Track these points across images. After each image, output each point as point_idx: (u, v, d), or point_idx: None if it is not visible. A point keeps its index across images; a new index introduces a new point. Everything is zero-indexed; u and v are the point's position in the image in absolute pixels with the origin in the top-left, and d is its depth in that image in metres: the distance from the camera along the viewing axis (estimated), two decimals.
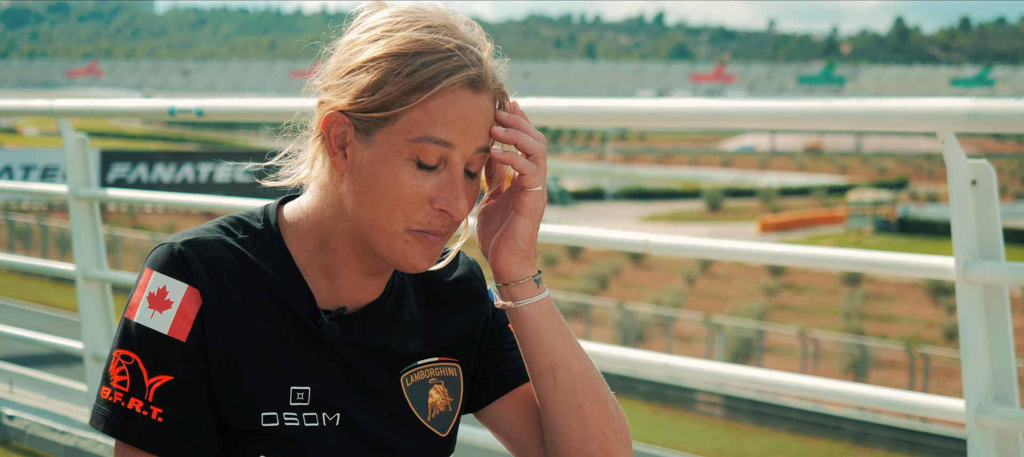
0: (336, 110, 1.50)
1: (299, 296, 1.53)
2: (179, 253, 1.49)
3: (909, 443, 19.94)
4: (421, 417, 1.61)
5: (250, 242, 1.54)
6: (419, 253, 1.51)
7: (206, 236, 1.52)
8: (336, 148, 1.51)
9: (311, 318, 1.53)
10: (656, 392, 22.49)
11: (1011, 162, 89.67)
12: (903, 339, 28.68)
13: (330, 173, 1.53)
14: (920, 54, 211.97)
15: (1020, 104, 2.34)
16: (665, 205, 66.06)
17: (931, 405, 2.68)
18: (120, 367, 1.47)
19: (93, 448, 4.32)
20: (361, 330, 1.57)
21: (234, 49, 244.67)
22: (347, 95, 1.49)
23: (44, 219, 38.08)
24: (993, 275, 2.42)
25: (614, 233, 3.30)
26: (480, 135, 1.50)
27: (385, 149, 1.47)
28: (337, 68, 1.52)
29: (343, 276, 1.56)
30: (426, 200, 1.48)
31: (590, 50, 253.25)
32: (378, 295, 1.60)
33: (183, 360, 1.47)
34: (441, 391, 1.64)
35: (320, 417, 1.52)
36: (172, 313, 1.47)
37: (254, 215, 1.58)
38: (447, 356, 1.65)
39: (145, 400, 1.46)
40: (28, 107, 5.08)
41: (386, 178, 1.47)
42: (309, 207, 1.56)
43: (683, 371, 3.09)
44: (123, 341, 1.48)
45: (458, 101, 1.47)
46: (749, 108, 2.76)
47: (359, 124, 1.48)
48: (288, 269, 1.54)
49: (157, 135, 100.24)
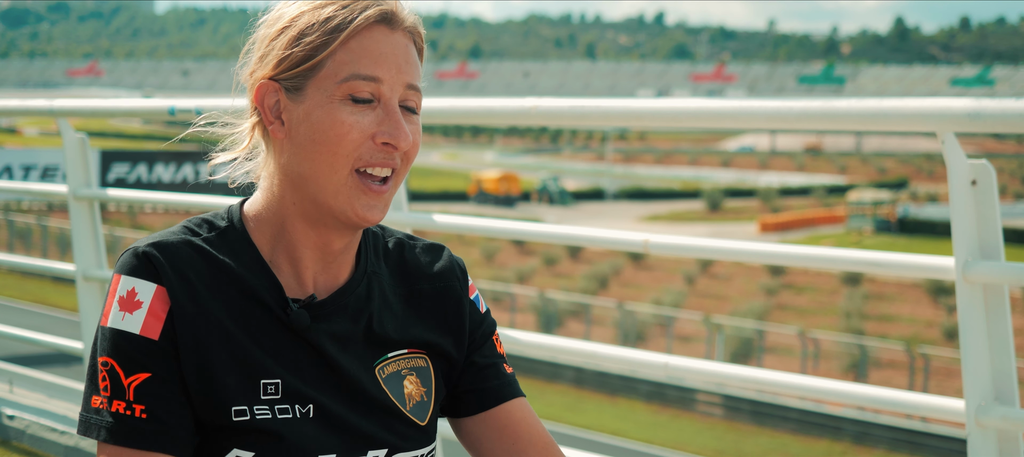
0: (264, 78, 1.55)
1: (267, 287, 1.55)
2: (144, 255, 1.51)
3: (909, 443, 19.95)
4: (400, 406, 1.61)
5: (215, 240, 1.56)
6: (366, 202, 1.53)
7: (171, 237, 1.54)
8: (272, 117, 1.55)
9: (280, 308, 1.54)
10: (656, 392, 22.49)
11: (1011, 162, 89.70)
12: (903, 339, 28.68)
13: (273, 152, 1.57)
14: (920, 54, 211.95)
15: (1020, 104, 2.34)
16: (665, 205, 66.08)
17: (931, 405, 2.68)
18: (101, 373, 1.49)
19: (93, 448, 4.32)
20: (333, 317, 1.57)
21: (234, 49, 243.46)
22: (272, 62, 1.54)
23: (44, 219, 38.09)
24: (993, 275, 2.42)
25: (614, 233, 3.29)
26: (405, 71, 1.54)
27: (318, 98, 1.51)
28: (261, 42, 1.58)
29: (304, 255, 1.57)
30: (367, 136, 1.51)
31: (590, 50, 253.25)
32: (347, 278, 1.61)
33: (158, 357, 1.48)
34: (414, 382, 1.64)
35: (293, 409, 1.52)
36: (143, 313, 1.49)
37: (219, 214, 1.61)
38: (416, 348, 1.65)
39: (127, 400, 1.47)
40: (28, 107, 5.08)
41: (324, 123, 1.50)
42: (262, 195, 1.59)
43: (683, 371, 3.08)
44: (101, 348, 1.50)
45: (375, 37, 1.53)
46: (749, 108, 2.76)
47: (289, 83, 1.53)
48: (255, 262, 1.56)
49: (157, 135, 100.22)
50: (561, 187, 67.31)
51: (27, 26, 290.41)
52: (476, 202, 63.04)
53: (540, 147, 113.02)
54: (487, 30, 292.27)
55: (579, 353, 3.37)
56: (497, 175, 66.55)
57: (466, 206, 60.97)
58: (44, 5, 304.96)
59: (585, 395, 22.94)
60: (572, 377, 23.49)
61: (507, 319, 28.69)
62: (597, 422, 20.50)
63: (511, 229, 3.57)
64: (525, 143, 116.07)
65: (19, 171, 29.96)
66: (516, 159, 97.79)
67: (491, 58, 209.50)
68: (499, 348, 1.75)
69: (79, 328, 4.40)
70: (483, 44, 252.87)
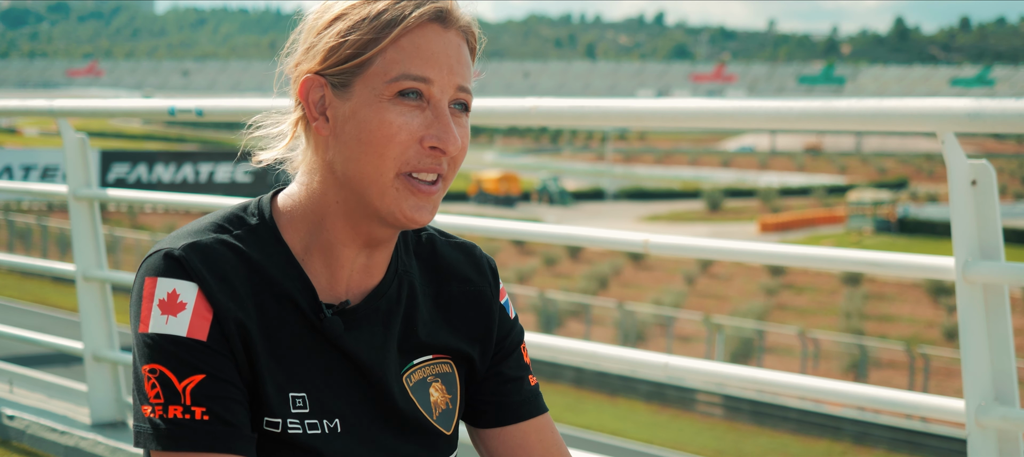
0: (310, 73, 1.49)
1: (301, 290, 1.49)
2: (182, 256, 1.44)
3: (909, 443, 19.95)
4: (428, 416, 1.57)
5: (246, 237, 1.50)
6: (414, 203, 1.47)
7: (204, 237, 1.47)
8: (316, 113, 1.49)
9: (314, 313, 1.49)
10: (656, 392, 22.49)
11: (1011, 162, 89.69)
12: (903, 339, 28.68)
13: (315, 147, 1.51)
14: (920, 54, 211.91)
15: (1020, 104, 2.34)
16: (665, 205, 66.08)
17: (931, 405, 2.68)
18: (150, 381, 1.42)
19: (93, 448, 4.32)
20: (366, 323, 1.52)
21: (234, 49, 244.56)
22: (319, 55, 1.48)
23: (44, 219, 38.09)
24: (993, 275, 2.42)
25: (614, 233, 3.29)
26: (457, 72, 1.48)
27: (366, 96, 1.45)
28: (306, 38, 1.52)
29: (342, 255, 1.52)
30: (415, 139, 1.45)
31: (590, 50, 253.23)
32: (380, 278, 1.55)
33: (210, 357, 1.43)
34: (440, 389, 1.60)
35: (321, 424, 1.48)
36: (187, 315, 1.43)
37: (248, 210, 1.54)
38: (440, 354, 1.61)
39: (184, 404, 1.41)
40: (28, 107, 5.08)
41: (372, 122, 1.44)
42: (300, 190, 1.53)
43: (683, 371, 3.08)
44: (145, 356, 1.43)
45: (428, 35, 1.46)
46: (749, 108, 2.76)
47: (335, 80, 1.47)
48: (287, 261, 1.50)
49: (157, 135, 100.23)
50: (561, 187, 67.30)
51: (27, 26, 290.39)
52: (476, 202, 63.03)
53: (540, 147, 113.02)
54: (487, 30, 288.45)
55: (579, 353, 3.37)
56: (497, 175, 66.54)
57: (466, 206, 60.95)
58: (44, 5, 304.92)
59: (585, 395, 22.94)
60: (572, 377, 23.49)
61: None
62: (597, 422, 20.50)
63: (511, 229, 3.57)
64: (525, 143, 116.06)
65: (19, 171, 29.94)
66: (516, 159, 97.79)
67: (491, 58, 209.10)
68: (526, 358, 1.69)
69: (79, 328, 4.40)
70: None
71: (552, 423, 1.69)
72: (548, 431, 1.66)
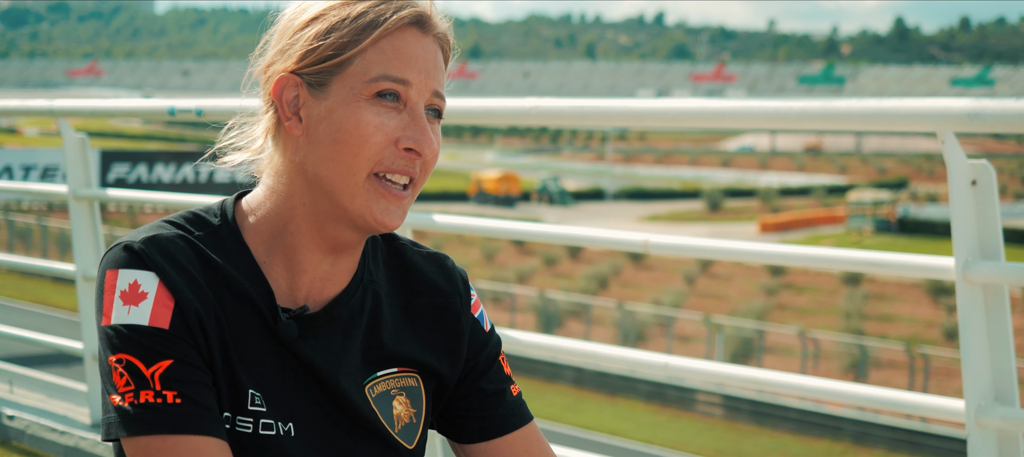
0: (286, 72, 1.48)
1: (260, 293, 1.48)
2: (141, 250, 1.44)
3: (909, 443, 19.95)
4: (389, 428, 1.54)
5: (207, 238, 1.49)
6: (385, 207, 1.46)
7: (164, 232, 1.46)
8: (289, 113, 1.48)
9: (271, 316, 1.48)
10: (656, 392, 22.49)
11: (1011, 162, 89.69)
12: (903, 339, 28.68)
13: (284, 149, 1.49)
14: (920, 54, 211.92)
15: (1020, 104, 2.34)
16: (665, 205, 66.08)
17: (931, 405, 2.68)
18: (117, 370, 1.40)
19: (93, 448, 4.32)
20: (324, 330, 1.50)
21: (234, 49, 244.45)
22: (295, 55, 1.47)
23: (44, 219, 38.08)
24: (993, 275, 2.42)
25: (614, 233, 3.29)
26: (433, 77, 1.49)
27: (343, 95, 1.45)
28: (280, 37, 1.51)
29: (304, 259, 1.50)
30: (391, 140, 1.45)
31: (590, 50, 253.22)
32: (344, 286, 1.53)
33: (174, 343, 1.41)
34: (404, 402, 1.57)
35: (276, 425, 1.46)
36: (149, 303, 1.41)
37: (210, 211, 1.53)
38: (406, 367, 1.58)
39: (155, 390, 1.39)
40: (28, 107, 5.08)
41: (348, 122, 1.44)
42: (265, 193, 1.52)
43: (683, 371, 3.08)
44: (110, 348, 1.41)
45: (407, 39, 1.47)
46: (749, 108, 2.75)
47: (312, 79, 1.46)
48: (247, 264, 1.49)
49: (157, 135, 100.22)
50: (561, 187, 67.29)
51: (27, 26, 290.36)
52: (476, 202, 63.02)
53: (540, 147, 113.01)
54: (487, 30, 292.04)
55: (579, 353, 3.37)
56: (497, 175, 66.53)
57: (466, 206, 60.96)
58: (44, 5, 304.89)
59: (585, 395, 22.94)
60: (572, 377, 23.49)
61: (507, 319, 28.69)
62: (597, 422, 20.49)
63: (511, 229, 3.56)
64: (525, 143, 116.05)
65: (19, 171, 29.95)
66: (516, 159, 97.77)
67: (491, 58, 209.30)
68: (506, 368, 1.67)
69: (79, 328, 4.40)
70: (483, 44, 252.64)
71: (538, 432, 1.66)
72: (534, 441, 1.65)
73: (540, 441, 1.65)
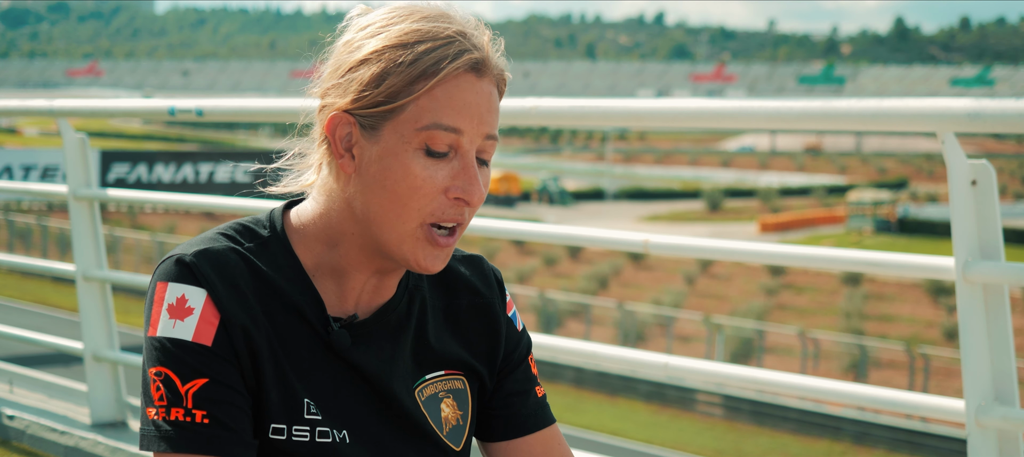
0: (339, 111, 1.46)
1: (310, 303, 1.49)
2: (193, 263, 1.45)
3: (909, 443, 19.94)
4: (438, 431, 1.57)
5: (258, 250, 1.50)
6: (431, 253, 1.46)
7: (216, 245, 1.48)
8: (342, 150, 1.47)
9: (322, 326, 1.49)
10: (656, 392, 22.49)
11: (1011, 162, 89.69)
12: (903, 339, 28.68)
13: (337, 177, 1.49)
14: (920, 54, 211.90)
15: (1020, 104, 2.34)
16: (665, 205, 66.07)
17: (931, 405, 2.68)
18: (155, 383, 1.43)
19: (93, 448, 4.32)
20: (374, 337, 1.53)
21: (234, 49, 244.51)
22: (350, 93, 1.46)
23: (44, 219, 38.08)
24: (993, 275, 2.42)
25: (614, 233, 3.29)
26: (487, 121, 1.46)
27: (393, 142, 1.43)
28: (336, 69, 1.49)
29: (353, 276, 1.52)
30: (440, 190, 1.44)
31: (590, 50, 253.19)
32: (390, 296, 1.55)
33: (213, 362, 1.43)
34: (451, 405, 1.59)
35: (332, 433, 1.48)
36: (194, 319, 1.44)
37: (259, 222, 1.54)
38: (453, 369, 1.61)
39: (186, 408, 1.42)
40: (28, 107, 5.08)
41: (397, 171, 1.43)
42: (316, 212, 1.52)
43: (683, 371, 3.08)
44: (152, 359, 1.44)
45: (462, 86, 1.44)
46: (749, 108, 2.75)
47: (364, 121, 1.45)
48: (297, 275, 1.50)
49: (157, 135, 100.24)
50: (561, 187, 67.29)
51: (27, 26, 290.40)
52: None
53: (540, 147, 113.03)
54: None
55: (579, 353, 3.37)
56: (497, 175, 66.52)
57: None
58: (44, 5, 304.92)
59: (585, 395, 22.93)
60: (572, 377, 23.48)
61: None
62: (597, 422, 20.49)
63: (511, 229, 3.56)
64: (525, 143, 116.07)
65: (19, 171, 29.94)
66: (516, 159, 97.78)
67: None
68: (533, 369, 1.69)
69: (79, 328, 4.40)
70: None
71: (560, 434, 1.68)
72: (555, 443, 1.66)
73: (561, 444, 1.67)
